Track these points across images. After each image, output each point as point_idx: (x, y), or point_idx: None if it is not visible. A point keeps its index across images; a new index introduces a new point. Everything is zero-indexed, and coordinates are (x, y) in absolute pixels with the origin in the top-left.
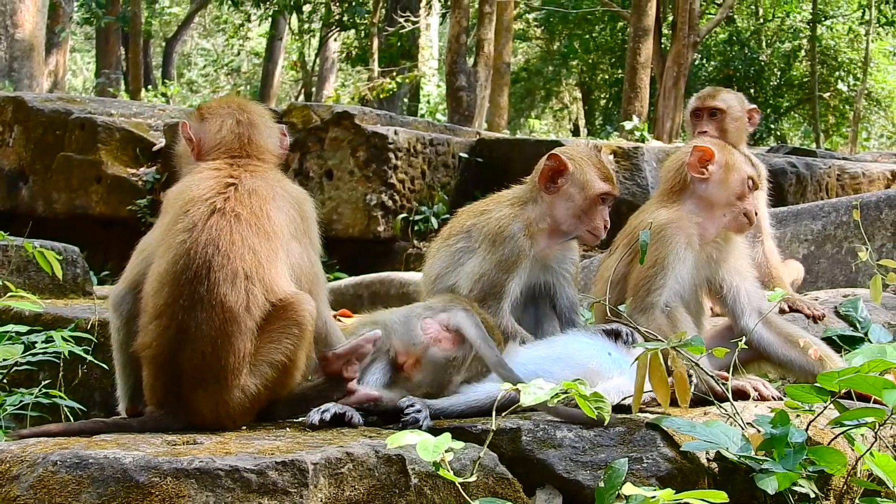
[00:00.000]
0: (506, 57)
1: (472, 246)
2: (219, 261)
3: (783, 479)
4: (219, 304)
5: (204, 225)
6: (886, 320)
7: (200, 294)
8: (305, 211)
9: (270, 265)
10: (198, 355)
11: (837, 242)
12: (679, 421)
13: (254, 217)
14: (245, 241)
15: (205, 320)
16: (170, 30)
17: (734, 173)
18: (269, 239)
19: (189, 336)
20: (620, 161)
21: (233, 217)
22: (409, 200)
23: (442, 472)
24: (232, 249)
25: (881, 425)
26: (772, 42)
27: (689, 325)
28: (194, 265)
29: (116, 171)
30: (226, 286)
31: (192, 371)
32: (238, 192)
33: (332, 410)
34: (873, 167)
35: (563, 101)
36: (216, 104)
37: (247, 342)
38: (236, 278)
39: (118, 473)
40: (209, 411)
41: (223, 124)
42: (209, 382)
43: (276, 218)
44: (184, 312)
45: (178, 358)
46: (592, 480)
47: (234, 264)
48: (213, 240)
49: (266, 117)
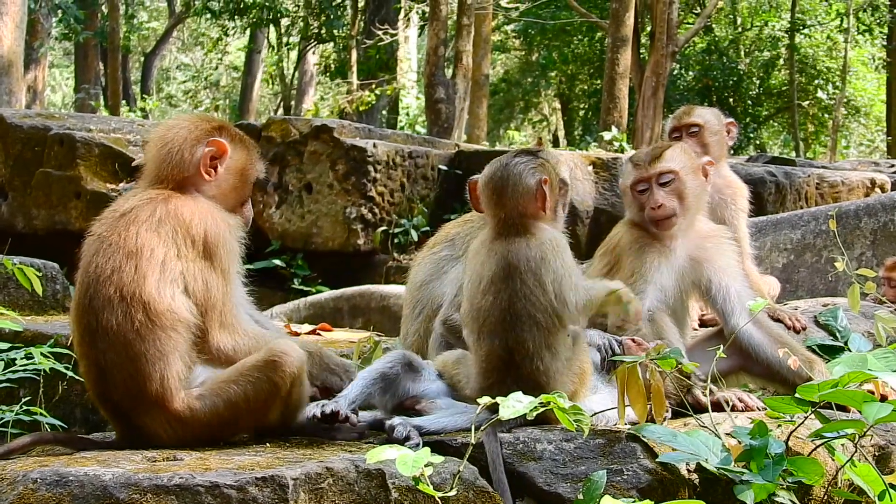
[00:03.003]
0: (484, 69)
1: (456, 254)
2: (95, 288)
3: (760, 490)
4: (109, 332)
5: (86, 255)
6: (866, 329)
7: (93, 326)
8: (196, 234)
9: (143, 283)
10: (119, 388)
11: (817, 251)
12: (659, 431)
13: (120, 240)
14: (112, 263)
15: (107, 350)
16: (148, 44)
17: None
18: (136, 258)
19: (103, 370)
20: (599, 172)
21: (99, 242)
22: (388, 213)
23: (422, 486)
24: (103, 273)
25: (861, 437)
26: (750, 51)
27: (672, 332)
28: (81, 299)
29: (96, 186)
30: (106, 313)
31: (123, 402)
32: (111, 218)
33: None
34: (852, 175)
35: (542, 113)
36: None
37: (157, 364)
38: (112, 302)
39: (98, 490)
40: (165, 432)
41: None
42: (148, 408)
43: (145, 238)
44: (89, 348)
45: (107, 393)
46: (573, 493)
47: (106, 289)
48: (86, 266)
49: (165, 136)
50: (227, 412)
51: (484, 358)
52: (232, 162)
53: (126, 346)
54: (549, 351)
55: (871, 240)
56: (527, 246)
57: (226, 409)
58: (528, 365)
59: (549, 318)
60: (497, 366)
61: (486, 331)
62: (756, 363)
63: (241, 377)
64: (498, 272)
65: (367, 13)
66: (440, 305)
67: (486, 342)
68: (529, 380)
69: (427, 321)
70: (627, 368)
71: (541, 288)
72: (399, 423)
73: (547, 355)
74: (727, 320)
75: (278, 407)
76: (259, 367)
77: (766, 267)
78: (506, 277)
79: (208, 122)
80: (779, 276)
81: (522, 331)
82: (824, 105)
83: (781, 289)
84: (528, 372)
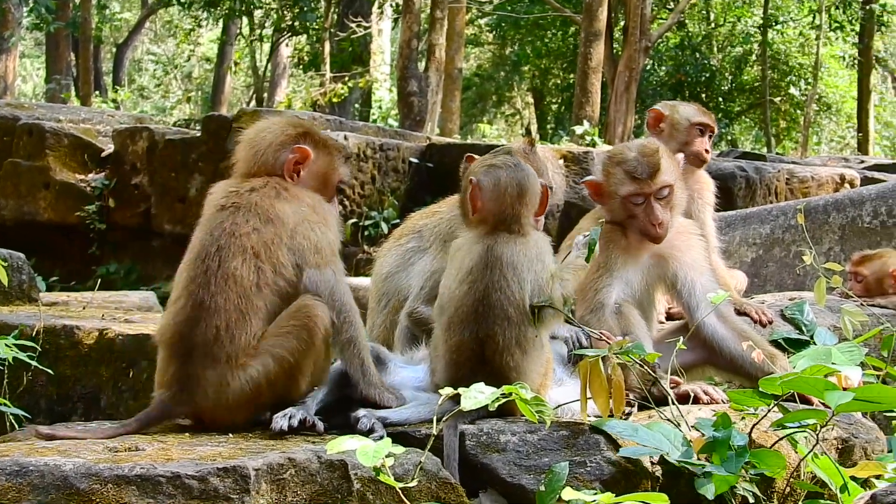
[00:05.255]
0: (457, 62)
1: (423, 245)
2: (226, 240)
3: (722, 482)
4: (230, 277)
5: (212, 218)
6: (832, 323)
7: (213, 269)
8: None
9: (276, 248)
10: (212, 329)
11: (785, 246)
12: (622, 424)
13: (257, 207)
14: (249, 224)
15: (217, 293)
16: (120, 35)
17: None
18: (273, 224)
19: (204, 310)
20: (570, 165)
21: (234, 208)
22: (358, 205)
23: (382, 477)
24: (238, 230)
25: (822, 427)
26: (723, 47)
27: (640, 325)
28: (206, 246)
29: (65, 177)
30: (235, 261)
31: (203, 346)
32: (239, 192)
33: (298, 416)
34: (822, 171)
35: (514, 107)
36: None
37: (261, 322)
38: (245, 254)
39: (59, 481)
40: (213, 393)
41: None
42: (219, 361)
43: (280, 208)
44: (199, 289)
45: (192, 334)
46: (536, 484)
47: (241, 241)
48: (219, 224)
49: (254, 138)
50: (276, 370)
51: (454, 349)
52: (315, 167)
53: (242, 296)
54: (520, 348)
55: (839, 235)
56: (514, 242)
57: (276, 367)
58: (498, 360)
59: (521, 315)
60: (468, 357)
61: (458, 321)
62: (720, 356)
63: (280, 330)
64: (479, 263)
65: (340, 6)
66: (406, 297)
67: (456, 333)
68: (500, 375)
69: (393, 313)
70: (590, 363)
71: (518, 284)
72: (363, 414)
73: (517, 352)
74: (692, 314)
75: (310, 367)
76: (292, 314)
77: (735, 261)
78: (485, 268)
79: (294, 127)
80: (747, 270)
81: (494, 324)
82: (796, 101)
83: (750, 283)
84: (498, 366)
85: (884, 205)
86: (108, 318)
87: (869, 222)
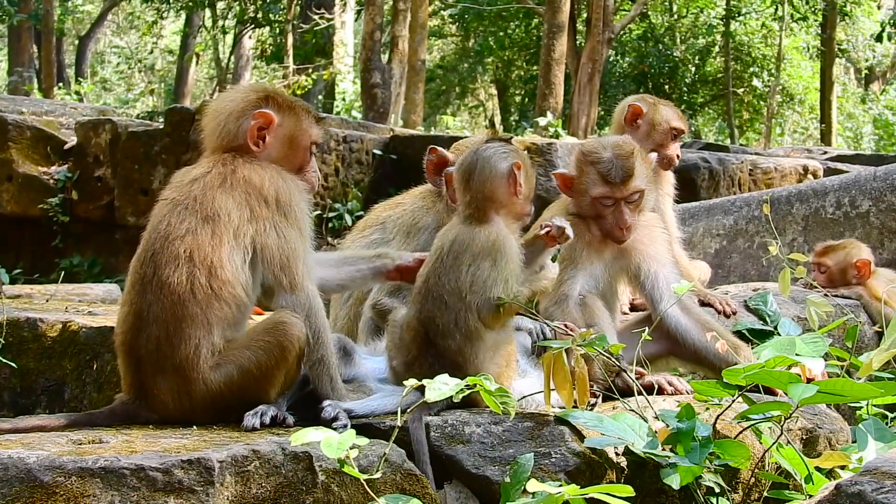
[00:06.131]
0: (421, 54)
1: (386, 237)
2: (160, 244)
3: (686, 473)
4: (164, 286)
5: (155, 215)
6: (796, 314)
7: (148, 277)
8: (269, 194)
9: (215, 251)
10: (153, 340)
11: (749, 237)
12: (587, 415)
13: (196, 203)
14: (184, 224)
15: (154, 301)
16: (83, 27)
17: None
18: (213, 223)
19: (143, 320)
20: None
21: (172, 205)
22: (322, 198)
23: (347, 468)
24: (172, 233)
25: (787, 418)
26: (686, 38)
27: (604, 316)
28: (145, 250)
29: (27, 169)
30: (168, 269)
31: (148, 356)
32: (182, 182)
33: (270, 413)
34: (785, 162)
35: (478, 98)
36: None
37: (199, 330)
38: (178, 260)
39: (22, 473)
40: (171, 400)
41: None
42: (167, 370)
43: (221, 202)
44: (137, 297)
45: (137, 344)
46: (501, 476)
47: (174, 246)
48: (156, 226)
49: (216, 108)
50: (240, 381)
51: (405, 327)
52: (281, 130)
53: (177, 304)
54: (461, 332)
55: (802, 226)
56: (469, 230)
57: (240, 378)
58: (440, 342)
59: (457, 302)
60: (415, 338)
61: (412, 300)
62: (684, 347)
63: (252, 342)
64: (438, 246)
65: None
66: (370, 289)
67: (409, 310)
68: (446, 358)
69: (356, 305)
70: (553, 355)
71: (456, 271)
72: (328, 404)
73: (458, 335)
74: (655, 306)
75: (281, 378)
76: (269, 330)
77: (698, 252)
78: (437, 252)
79: (256, 91)
80: (711, 261)
81: (433, 306)
82: (759, 93)
83: (714, 274)
84: (442, 349)
85: (847, 195)
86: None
87: (832, 213)
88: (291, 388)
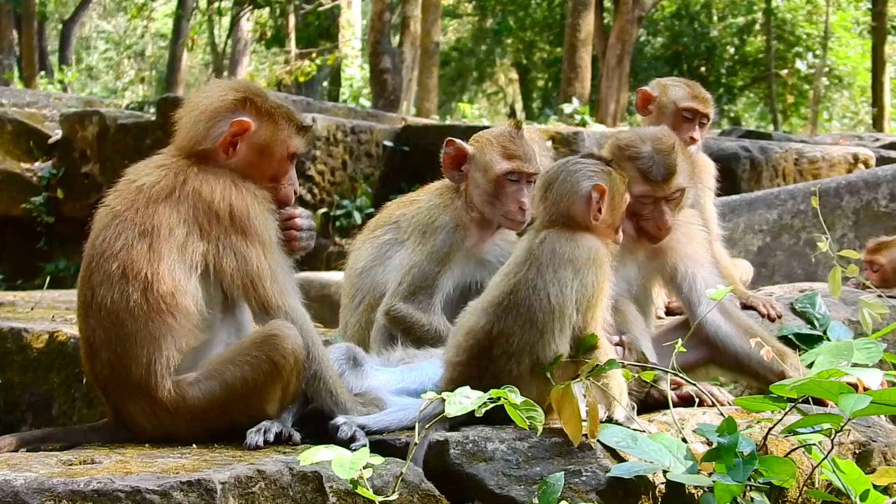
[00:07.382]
0: (434, 36)
1: (400, 237)
2: (96, 262)
3: (725, 492)
4: (101, 308)
5: (95, 225)
6: (846, 316)
7: (88, 300)
8: (221, 209)
9: (153, 263)
10: (105, 364)
11: (795, 233)
12: (620, 433)
13: (136, 216)
14: (119, 240)
15: (96, 325)
16: (66, 11)
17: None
18: (150, 237)
19: (91, 345)
20: (559, 147)
21: (111, 217)
22: (329, 194)
23: (360, 490)
24: (107, 250)
25: (838, 431)
26: (724, 16)
27: (637, 323)
28: (84, 270)
29: (8, 166)
30: (102, 289)
31: (109, 382)
32: (126, 190)
33: (274, 430)
34: (833, 150)
35: (497, 83)
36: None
37: (146, 347)
38: (111, 279)
39: (9, 497)
40: (147, 422)
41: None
42: (131, 392)
43: (163, 217)
44: (82, 321)
45: (94, 369)
46: (527, 496)
47: (107, 265)
48: (93, 240)
49: (195, 103)
50: (225, 397)
51: (468, 331)
52: (256, 138)
53: (116, 324)
54: (530, 357)
55: (852, 220)
56: (559, 239)
57: (223, 394)
58: (503, 364)
59: (549, 321)
60: (472, 347)
61: (482, 306)
62: (725, 355)
63: (238, 357)
64: (520, 255)
65: None
66: (383, 294)
67: (474, 316)
68: (498, 381)
69: (369, 311)
70: (561, 388)
71: (558, 286)
72: (343, 422)
73: (526, 360)
74: (693, 310)
75: (277, 394)
76: (258, 345)
77: (739, 250)
78: (523, 262)
79: (236, 92)
80: (753, 259)
81: (514, 323)
82: (804, 74)
83: (756, 273)
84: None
85: None
86: (59, 320)
87: (885, 206)
88: (294, 402)
